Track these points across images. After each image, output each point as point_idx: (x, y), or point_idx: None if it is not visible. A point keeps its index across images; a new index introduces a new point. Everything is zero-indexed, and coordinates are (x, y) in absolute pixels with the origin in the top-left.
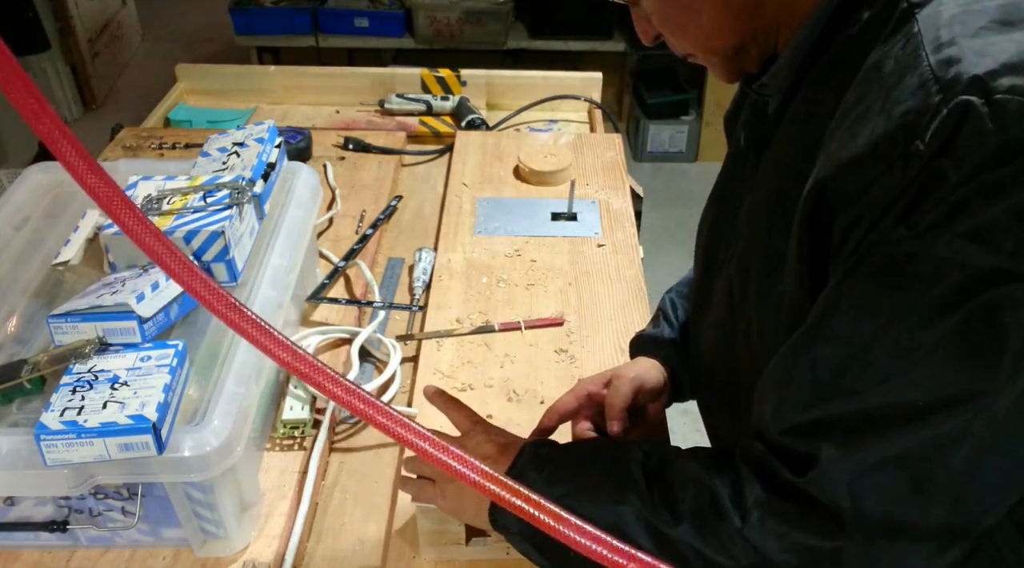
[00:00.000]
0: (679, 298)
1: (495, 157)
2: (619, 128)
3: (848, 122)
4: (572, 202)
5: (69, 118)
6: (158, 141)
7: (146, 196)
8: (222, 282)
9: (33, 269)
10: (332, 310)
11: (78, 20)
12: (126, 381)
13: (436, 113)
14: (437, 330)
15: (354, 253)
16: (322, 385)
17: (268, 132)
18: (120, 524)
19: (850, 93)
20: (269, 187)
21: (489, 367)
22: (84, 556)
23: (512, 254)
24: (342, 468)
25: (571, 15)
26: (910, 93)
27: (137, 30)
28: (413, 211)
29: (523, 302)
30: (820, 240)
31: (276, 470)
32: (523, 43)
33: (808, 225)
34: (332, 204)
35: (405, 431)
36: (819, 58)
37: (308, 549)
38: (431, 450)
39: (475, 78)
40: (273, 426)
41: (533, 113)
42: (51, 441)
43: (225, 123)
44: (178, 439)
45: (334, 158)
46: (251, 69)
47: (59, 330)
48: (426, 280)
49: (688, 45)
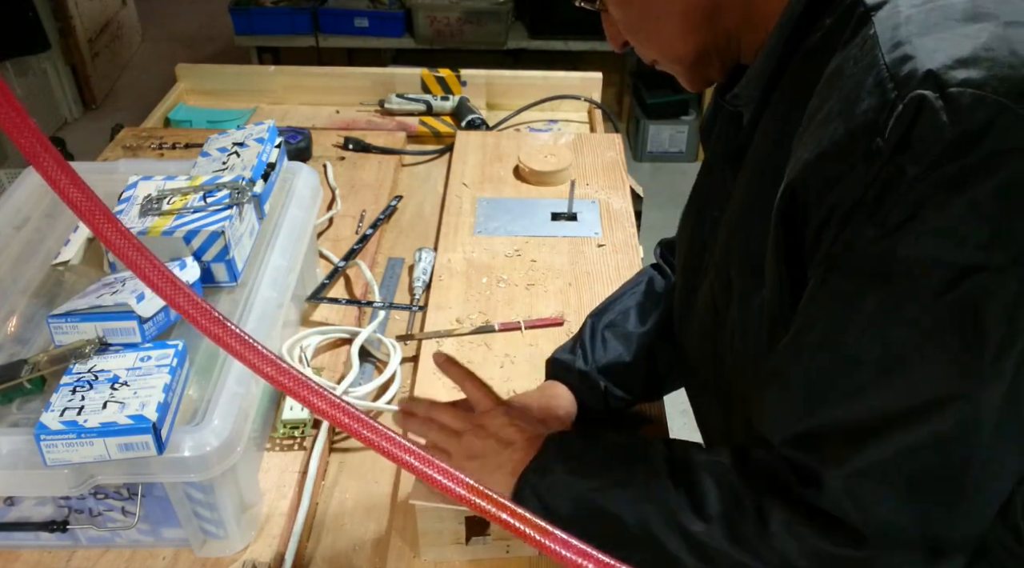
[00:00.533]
0: (609, 331)
1: (495, 157)
2: (619, 128)
3: (813, 126)
4: (572, 202)
5: (69, 118)
6: (158, 141)
7: (146, 196)
8: (222, 282)
9: (33, 269)
10: (332, 310)
11: (78, 20)
12: (126, 381)
13: (436, 113)
14: (437, 330)
15: (354, 253)
16: (307, 399)
17: (268, 132)
18: (120, 524)
19: (814, 99)
20: (269, 187)
21: (489, 367)
22: (84, 556)
23: (512, 254)
24: (342, 468)
25: (571, 15)
26: (868, 92)
27: (137, 30)
28: (413, 211)
29: (523, 302)
30: (794, 243)
31: (276, 470)
32: (523, 43)
33: (782, 228)
34: (332, 204)
35: (391, 445)
36: (786, 67)
37: (308, 549)
38: (419, 466)
39: (475, 78)
40: (273, 426)
41: (533, 113)
42: (51, 441)
43: (225, 123)
44: (178, 439)
45: (334, 158)
46: (251, 69)
47: (59, 330)
48: (426, 280)
49: (652, 52)
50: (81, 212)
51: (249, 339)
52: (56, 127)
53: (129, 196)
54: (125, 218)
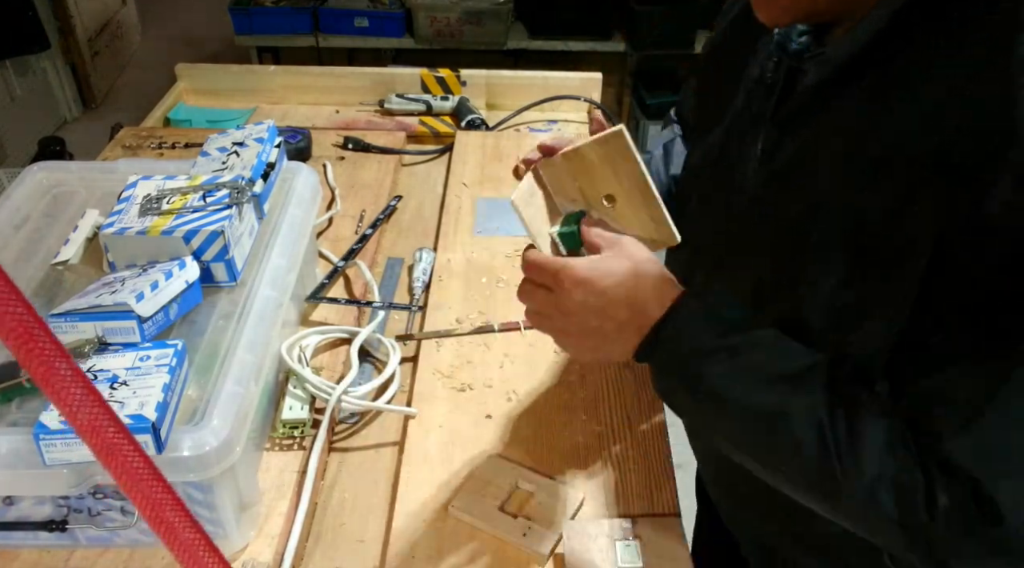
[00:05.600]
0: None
1: (495, 157)
2: None
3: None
4: None
5: (69, 118)
6: (158, 141)
7: (146, 196)
8: (221, 282)
9: (33, 268)
10: (331, 310)
11: (78, 20)
12: (125, 381)
13: (436, 113)
14: (437, 330)
15: (354, 253)
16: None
17: (268, 132)
18: (119, 524)
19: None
20: (269, 187)
21: (489, 367)
22: (83, 556)
23: (512, 254)
24: (341, 468)
25: (571, 15)
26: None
27: (137, 30)
28: (413, 211)
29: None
30: (976, 232)
31: (275, 470)
32: (523, 43)
33: (960, 210)
34: (332, 204)
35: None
36: (907, 24)
37: (307, 549)
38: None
39: (475, 78)
40: (272, 426)
41: (533, 113)
42: (50, 441)
43: (225, 123)
44: (177, 439)
45: (334, 158)
46: (251, 69)
47: (58, 329)
48: (425, 280)
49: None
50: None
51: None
52: (56, 126)
53: (129, 196)
54: (125, 217)
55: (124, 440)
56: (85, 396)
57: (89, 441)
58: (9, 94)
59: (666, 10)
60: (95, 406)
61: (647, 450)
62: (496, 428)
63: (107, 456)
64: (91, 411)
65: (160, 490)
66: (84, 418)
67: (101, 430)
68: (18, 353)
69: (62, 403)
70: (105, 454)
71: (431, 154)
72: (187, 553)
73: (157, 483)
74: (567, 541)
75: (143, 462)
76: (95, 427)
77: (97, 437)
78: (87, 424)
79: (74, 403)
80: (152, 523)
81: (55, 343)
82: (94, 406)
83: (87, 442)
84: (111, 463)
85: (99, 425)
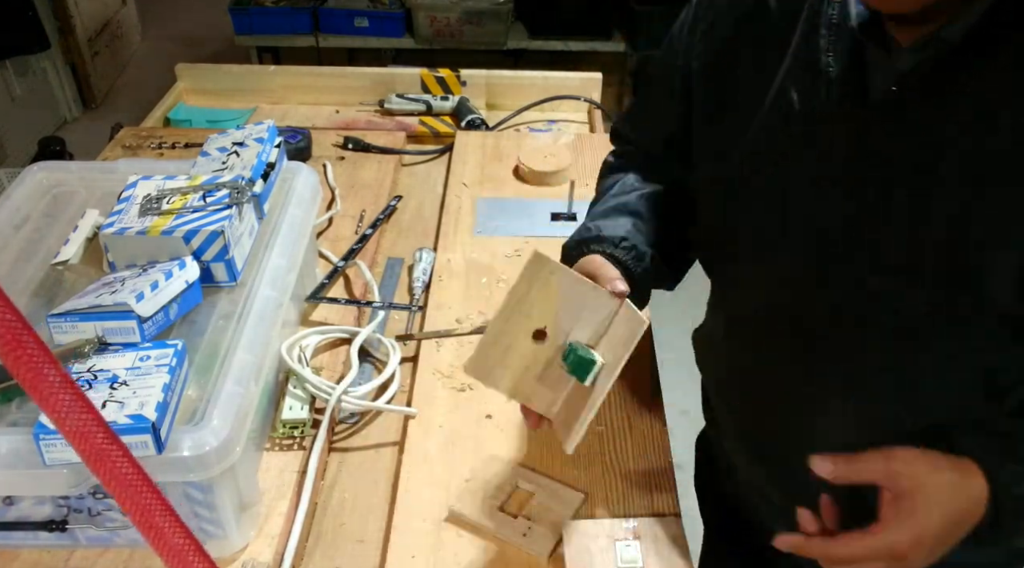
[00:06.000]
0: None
1: (495, 157)
2: None
3: None
4: (572, 202)
5: (69, 118)
6: (158, 141)
7: (146, 196)
8: (221, 282)
9: (33, 268)
10: (331, 310)
11: (78, 20)
12: (125, 381)
13: (436, 113)
14: (436, 330)
15: (354, 253)
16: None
17: (268, 132)
18: (119, 524)
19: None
20: (269, 187)
21: None
22: (83, 556)
23: (512, 254)
24: (341, 468)
25: (571, 15)
26: None
27: (137, 30)
28: (413, 211)
29: None
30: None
31: (275, 470)
32: (523, 43)
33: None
34: (332, 204)
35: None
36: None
37: (307, 549)
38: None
39: (475, 78)
40: (272, 426)
41: (533, 113)
42: (50, 440)
43: (225, 123)
44: (177, 439)
45: (334, 158)
46: (251, 69)
47: (58, 329)
48: (425, 280)
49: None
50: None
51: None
52: (56, 126)
53: (129, 196)
54: (125, 217)
55: (112, 445)
56: (73, 401)
57: (77, 446)
58: (9, 94)
59: (666, 10)
60: (83, 411)
61: (647, 450)
62: (496, 428)
63: (95, 461)
64: (79, 416)
65: (149, 495)
66: (72, 423)
67: (90, 435)
68: (6, 359)
69: (50, 409)
70: (94, 459)
71: (431, 154)
72: (176, 558)
73: (146, 488)
74: (567, 541)
75: (132, 467)
76: (83, 432)
77: (86, 442)
78: (75, 429)
79: (62, 409)
80: (141, 528)
81: (43, 348)
82: (82, 411)
83: (75, 447)
84: (100, 468)
85: (87, 430)
